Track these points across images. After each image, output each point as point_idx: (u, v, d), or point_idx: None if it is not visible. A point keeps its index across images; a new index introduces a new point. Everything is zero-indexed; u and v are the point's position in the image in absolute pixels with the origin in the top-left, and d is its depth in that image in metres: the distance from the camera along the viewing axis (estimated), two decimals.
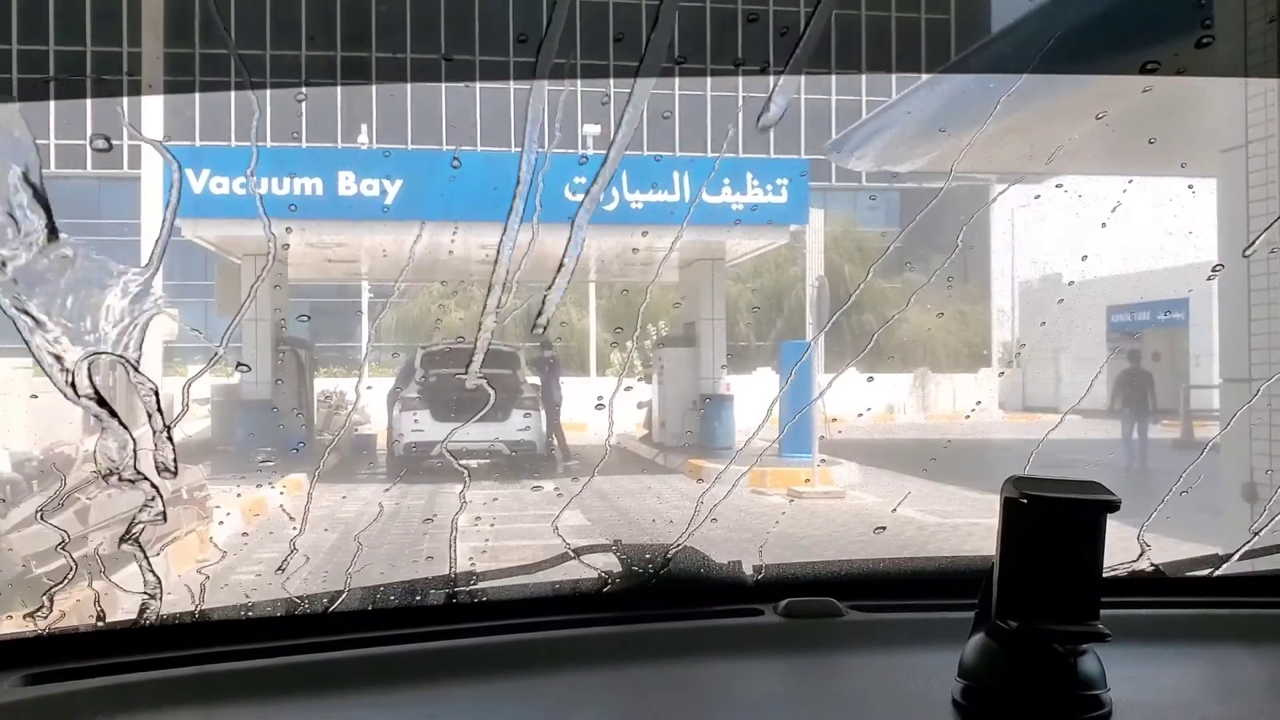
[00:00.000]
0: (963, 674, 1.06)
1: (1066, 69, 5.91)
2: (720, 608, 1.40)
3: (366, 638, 1.29)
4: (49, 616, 1.31)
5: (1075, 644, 1.00)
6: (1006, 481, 1.00)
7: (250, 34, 33.56)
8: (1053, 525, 0.99)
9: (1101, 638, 0.98)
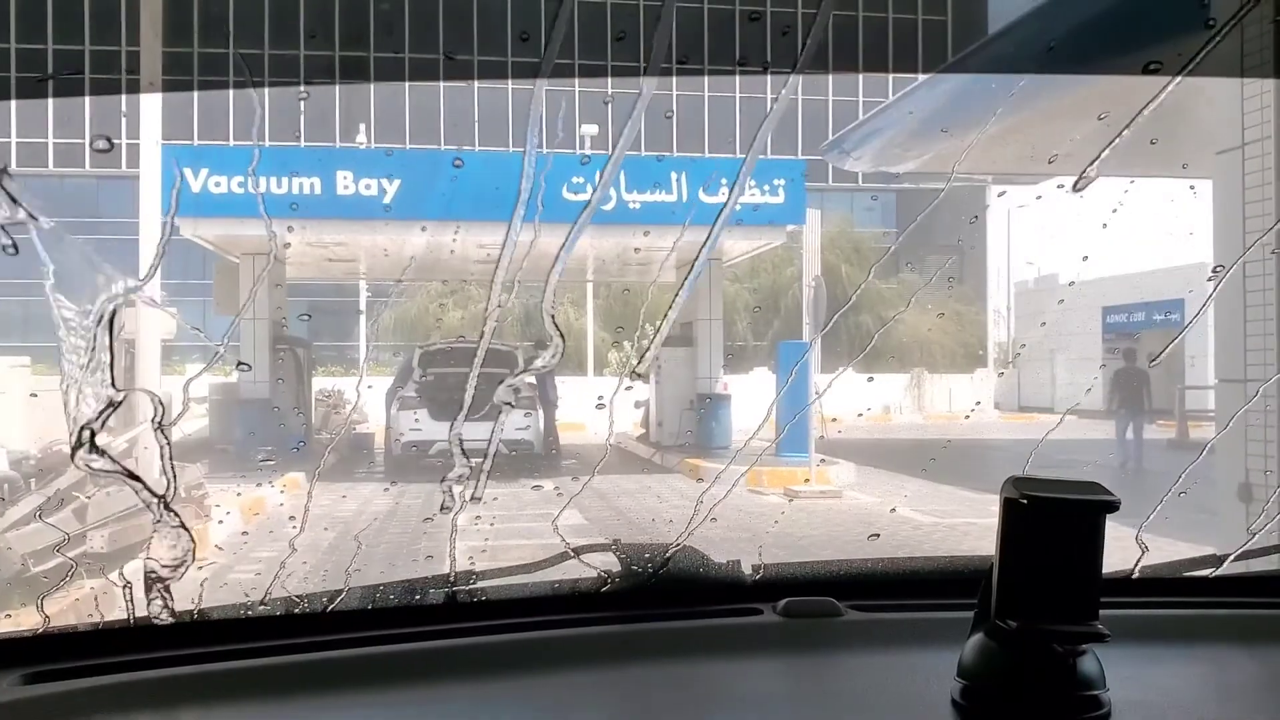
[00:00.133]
0: (962, 674, 1.06)
1: (1064, 70, 5.91)
2: (719, 607, 1.40)
3: (365, 637, 1.29)
4: (48, 615, 1.31)
5: (1074, 644, 1.00)
6: (1006, 482, 1.00)
7: (249, 33, 33.53)
8: (1052, 525, 0.99)
9: (1101, 638, 0.99)
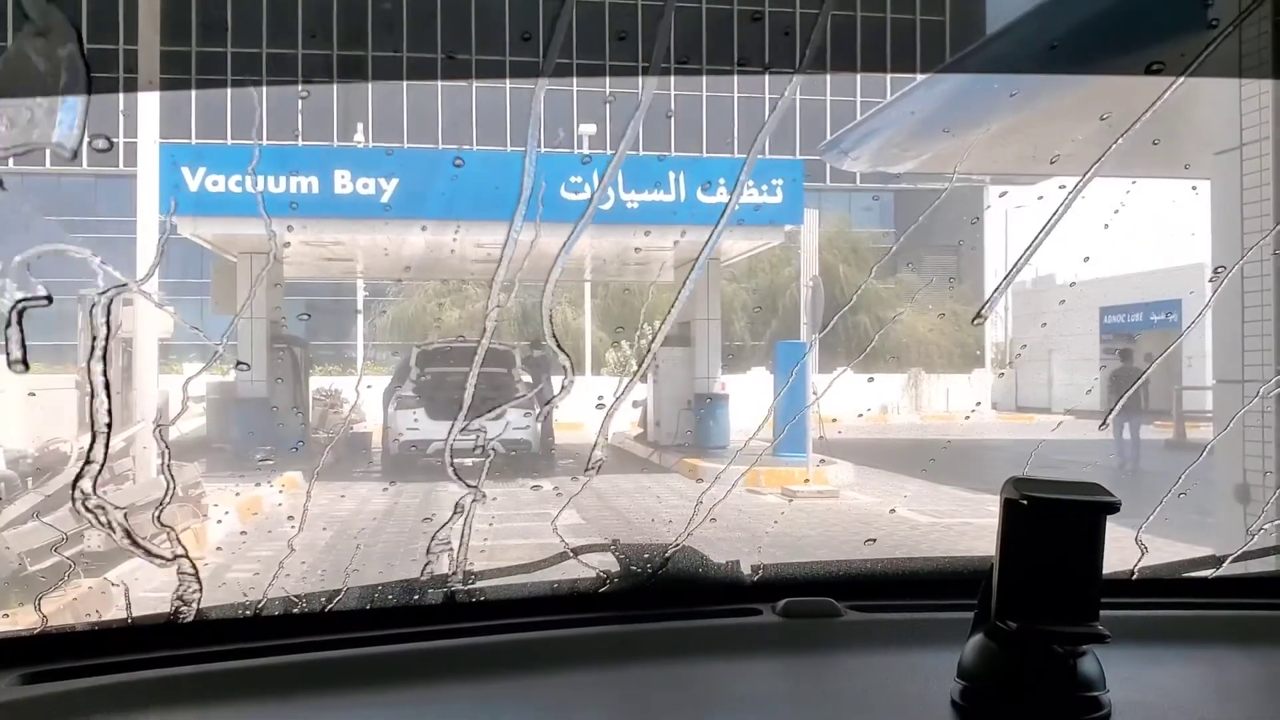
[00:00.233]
0: (962, 674, 1.06)
1: (1063, 70, 5.91)
2: (718, 607, 1.40)
3: (364, 637, 1.28)
4: (46, 615, 1.30)
5: (1075, 645, 1.00)
6: (1006, 482, 1.00)
7: (248, 32, 33.50)
8: (1052, 526, 0.99)
9: (1101, 639, 0.98)
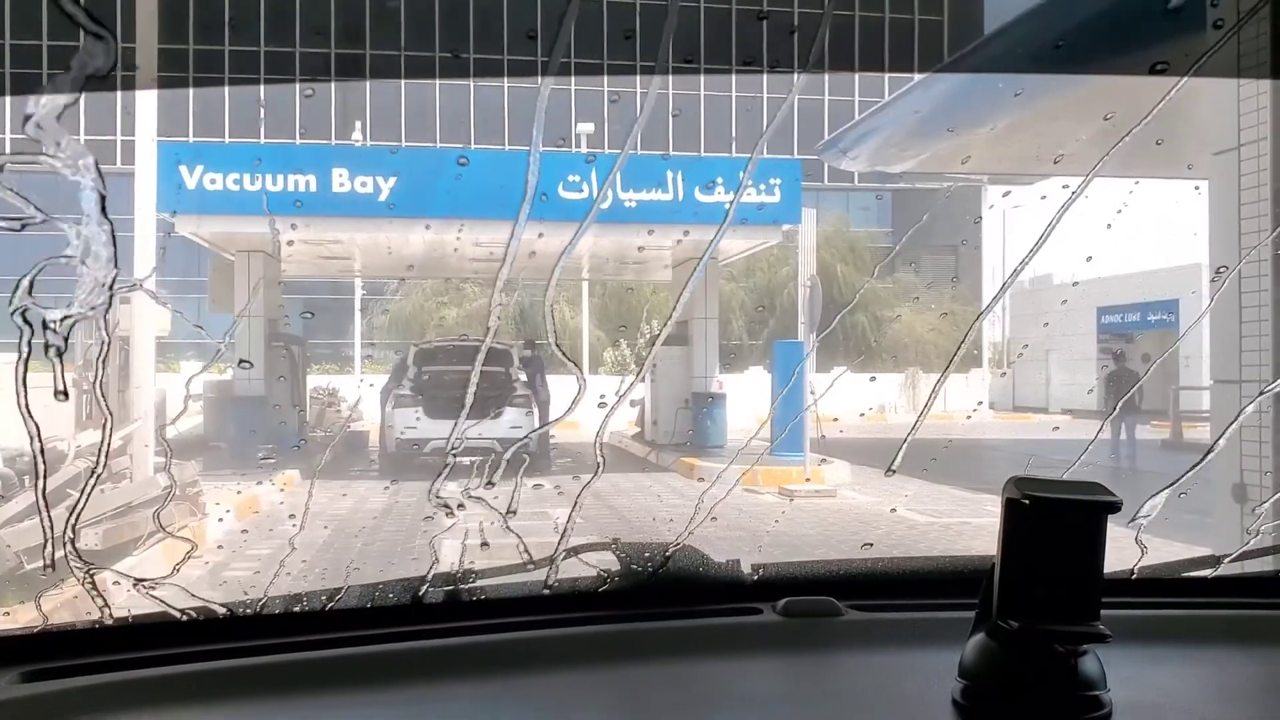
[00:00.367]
0: (963, 674, 1.06)
1: (1062, 70, 5.91)
2: (719, 607, 1.40)
3: (365, 636, 1.28)
4: (45, 613, 1.30)
5: (1076, 644, 1.00)
6: (1008, 482, 1.00)
7: (246, 31, 33.46)
8: (1054, 526, 0.99)
9: (1102, 638, 0.98)
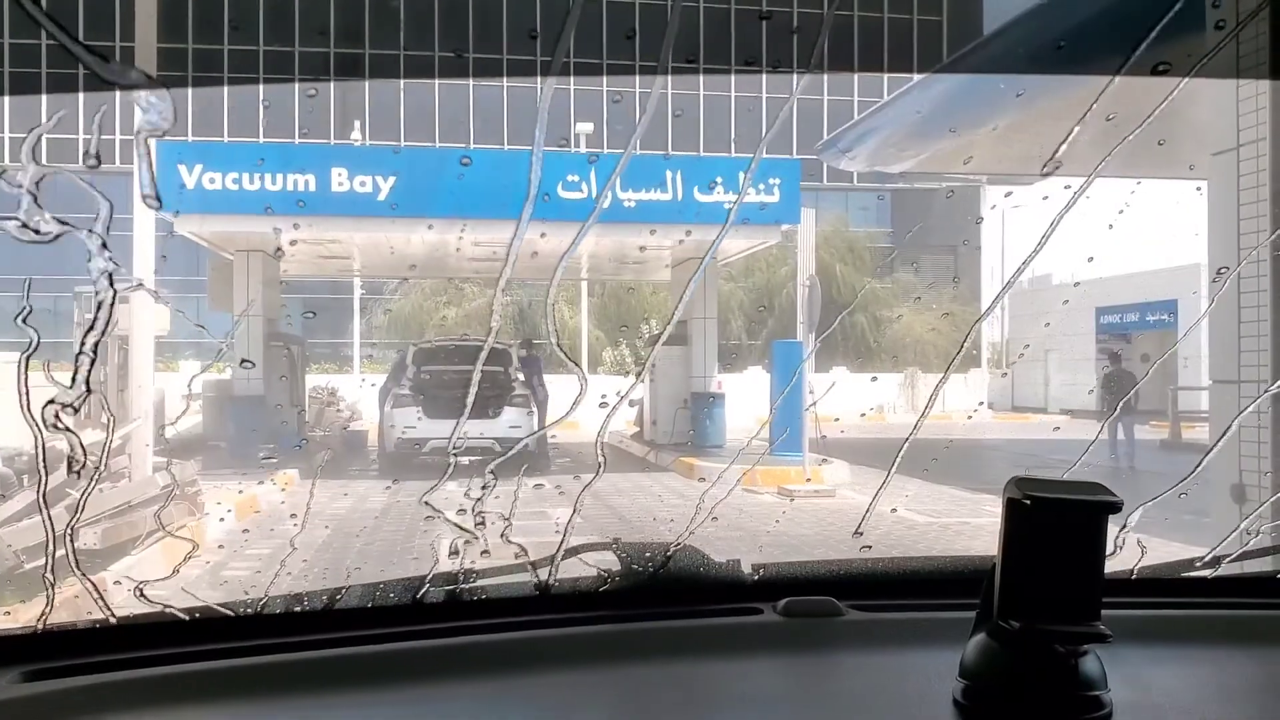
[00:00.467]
0: (964, 674, 1.06)
1: (1061, 70, 5.90)
2: (719, 607, 1.40)
3: (365, 635, 1.28)
4: (46, 612, 1.30)
5: (1076, 644, 1.00)
6: (1009, 482, 1.00)
7: (246, 30, 33.44)
8: (1055, 526, 0.99)
9: (1103, 638, 0.99)
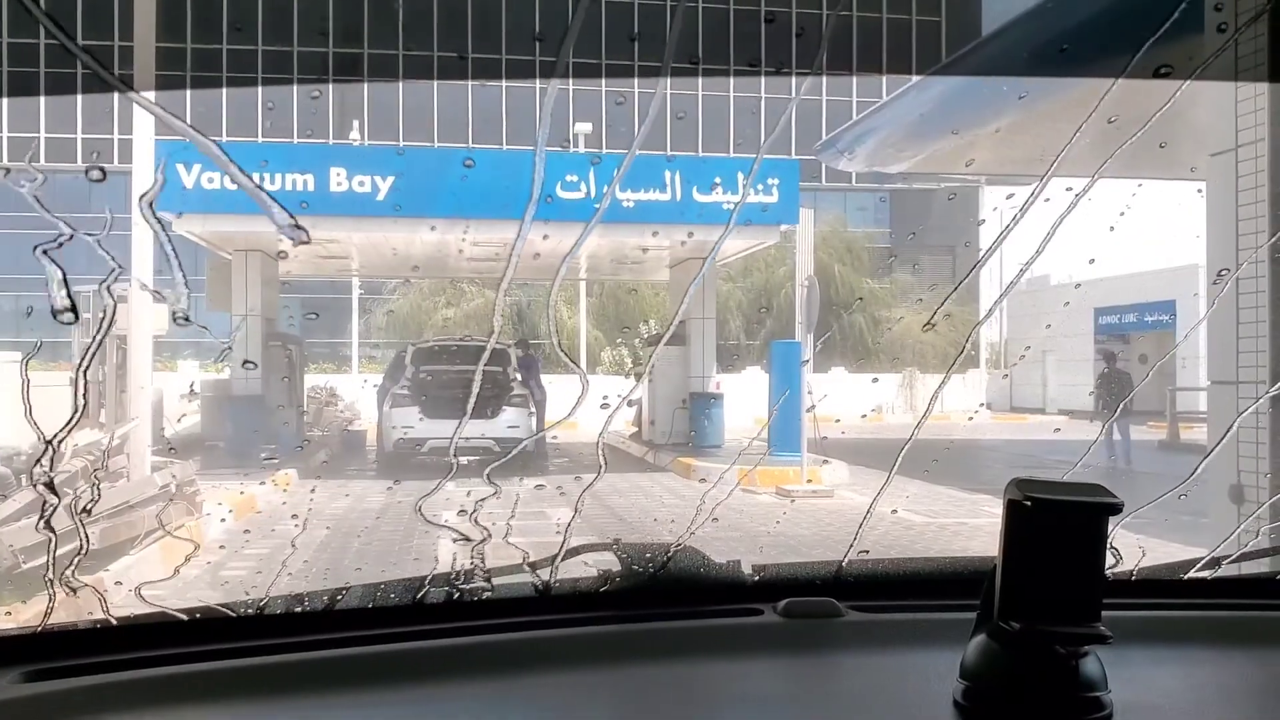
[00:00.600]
0: (964, 675, 1.06)
1: (1060, 72, 5.91)
2: (719, 607, 1.40)
3: (366, 636, 1.28)
4: (47, 612, 1.30)
5: (1077, 645, 1.00)
6: (1010, 483, 1.00)
7: (245, 30, 33.42)
8: (1055, 527, 0.99)
9: (1103, 639, 0.99)
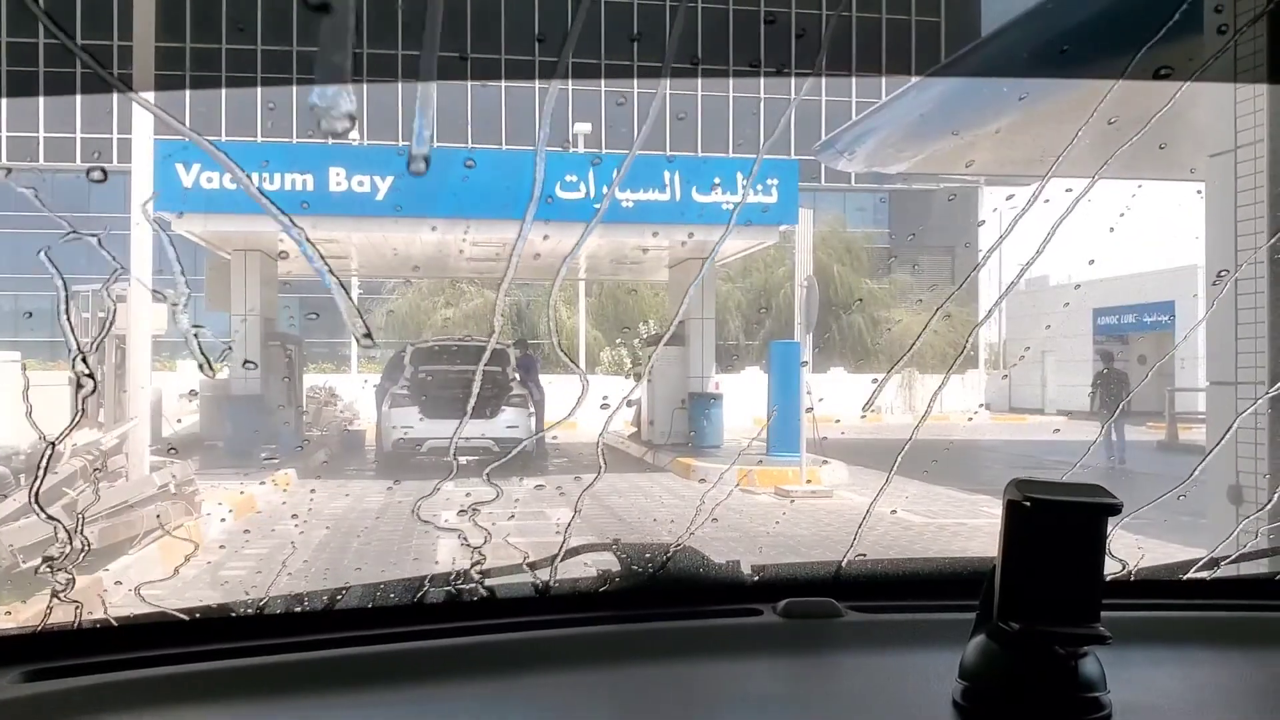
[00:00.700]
0: (963, 675, 1.06)
1: (1059, 73, 5.91)
2: (719, 607, 1.40)
3: (366, 636, 1.28)
4: (47, 612, 1.30)
5: (1076, 646, 1.00)
6: (1009, 484, 1.00)
7: (244, 30, 33.40)
8: (1055, 528, 0.99)
9: (1102, 640, 0.99)
